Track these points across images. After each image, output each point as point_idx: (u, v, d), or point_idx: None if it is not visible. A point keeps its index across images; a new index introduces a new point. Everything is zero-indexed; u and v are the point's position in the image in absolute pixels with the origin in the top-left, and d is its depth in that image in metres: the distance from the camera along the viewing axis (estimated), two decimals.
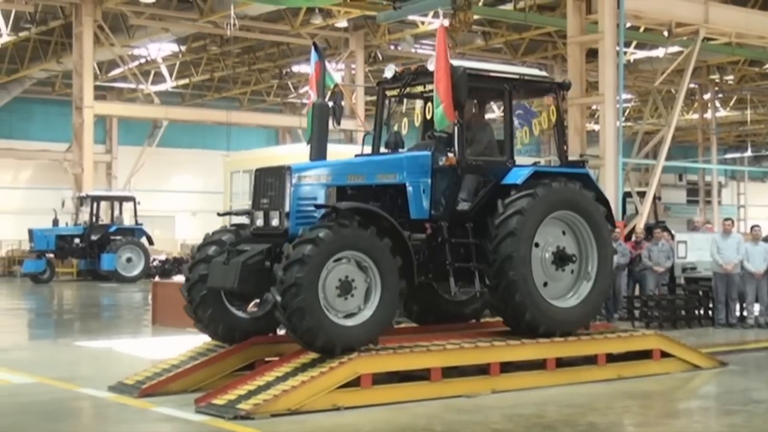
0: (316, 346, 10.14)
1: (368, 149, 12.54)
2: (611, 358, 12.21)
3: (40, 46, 39.96)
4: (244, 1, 30.78)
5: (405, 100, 12.93)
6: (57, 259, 35.86)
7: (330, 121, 12.06)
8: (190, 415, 9.77)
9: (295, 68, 44.40)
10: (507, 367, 11.41)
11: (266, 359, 11.44)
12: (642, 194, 25.51)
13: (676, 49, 29.65)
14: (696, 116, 50.55)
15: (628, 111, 48.53)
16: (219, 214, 14.64)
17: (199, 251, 11.38)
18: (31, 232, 35.00)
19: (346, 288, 10.31)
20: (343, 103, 12.57)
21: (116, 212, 36.41)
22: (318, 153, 11.48)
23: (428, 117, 12.00)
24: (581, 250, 12.20)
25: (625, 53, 29.99)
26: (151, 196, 41.32)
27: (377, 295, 10.47)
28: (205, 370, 11.22)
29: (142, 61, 41.60)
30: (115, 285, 32.63)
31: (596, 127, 28.78)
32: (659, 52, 34.11)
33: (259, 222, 11.10)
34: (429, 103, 11.89)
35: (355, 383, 10.22)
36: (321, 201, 10.86)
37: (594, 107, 26.50)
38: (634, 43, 35.56)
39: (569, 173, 12.29)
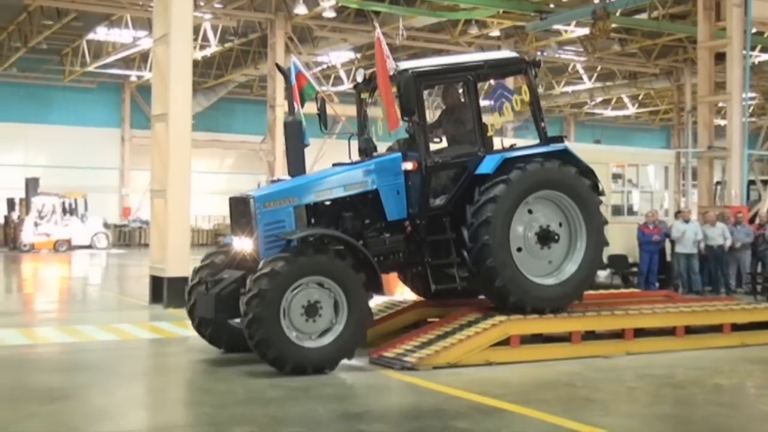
0: (285, 371, 9.28)
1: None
2: (735, 328, 11.76)
3: (241, 55, 41.09)
4: (410, 15, 30.89)
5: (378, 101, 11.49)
6: None
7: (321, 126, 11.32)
8: (365, 365, 9.95)
9: None
10: (639, 333, 11.16)
11: (429, 319, 11.53)
12: (765, 182, 24.59)
13: None
14: None
15: (752, 108, 46.36)
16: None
17: (196, 273, 10.66)
18: None
19: (311, 311, 9.40)
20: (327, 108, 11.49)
21: None
22: (296, 168, 10.55)
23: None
24: (570, 229, 10.82)
25: (751, 56, 28.69)
26: None
27: (344, 315, 9.52)
28: (377, 327, 11.34)
29: (324, 66, 42.22)
30: None
31: (723, 123, 27.63)
32: None
33: (238, 248, 10.30)
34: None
35: (505, 343, 10.18)
36: (290, 223, 9.92)
37: (721, 105, 25.49)
38: (759, 47, 33.92)
39: (546, 152, 10.79)
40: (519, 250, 10.56)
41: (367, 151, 10.97)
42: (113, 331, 12.89)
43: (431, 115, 11.65)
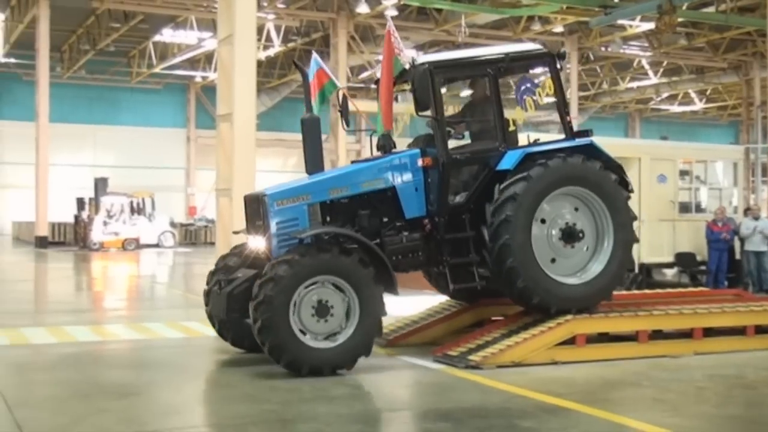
0: (281, 363, 9.02)
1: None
2: None
3: (304, 55, 41.29)
4: (473, 12, 30.80)
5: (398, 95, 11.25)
6: None
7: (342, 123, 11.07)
8: (429, 363, 9.94)
9: None
10: (708, 332, 10.95)
11: (493, 318, 11.47)
12: None
13: None
14: None
15: None
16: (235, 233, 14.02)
17: (222, 259, 10.57)
18: None
19: (322, 311, 9.09)
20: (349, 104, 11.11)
21: None
22: (313, 166, 10.28)
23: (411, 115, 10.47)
24: (597, 226, 10.33)
25: None
26: None
27: (354, 323, 9.20)
28: (440, 326, 11.37)
29: None
30: None
31: None
32: None
33: (253, 246, 10.11)
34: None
35: (570, 342, 10.08)
36: (303, 221, 9.66)
37: None
38: None
39: (570, 147, 10.29)
40: (553, 261, 10.20)
41: (386, 147, 10.58)
42: (180, 328, 13.09)
43: (456, 110, 11.40)
